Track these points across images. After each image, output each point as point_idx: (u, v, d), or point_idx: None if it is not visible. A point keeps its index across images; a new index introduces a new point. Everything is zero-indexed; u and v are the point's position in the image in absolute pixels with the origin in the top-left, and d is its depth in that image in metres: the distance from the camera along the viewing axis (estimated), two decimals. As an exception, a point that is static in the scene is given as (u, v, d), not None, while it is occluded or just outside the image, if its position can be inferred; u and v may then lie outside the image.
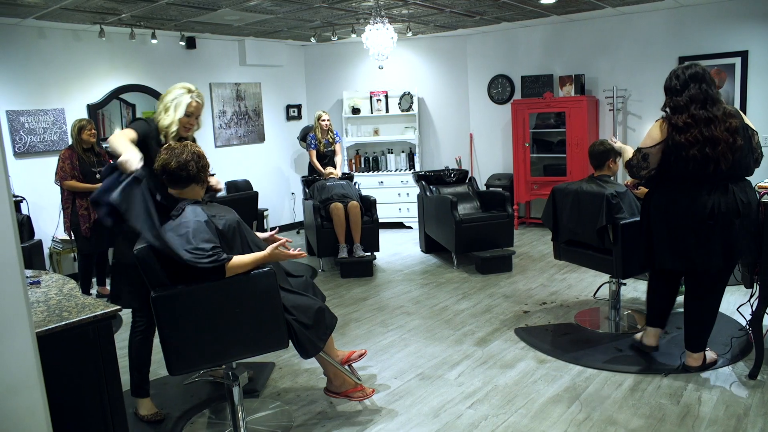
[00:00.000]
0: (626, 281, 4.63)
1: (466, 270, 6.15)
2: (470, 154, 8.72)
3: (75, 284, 2.53)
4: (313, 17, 6.42)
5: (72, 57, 6.39)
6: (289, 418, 3.28)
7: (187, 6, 5.50)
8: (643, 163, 3.36)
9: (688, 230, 3.30)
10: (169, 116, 3.16)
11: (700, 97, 3.27)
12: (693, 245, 3.30)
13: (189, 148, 2.88)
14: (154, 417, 3.29)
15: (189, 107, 3.17)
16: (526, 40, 8.04)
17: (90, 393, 2.10)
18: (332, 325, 3.05)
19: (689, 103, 3.26)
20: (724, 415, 3.08)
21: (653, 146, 3.32)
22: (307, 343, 2.89)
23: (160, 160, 2.86)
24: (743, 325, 3.99)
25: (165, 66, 7.24)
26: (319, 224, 6.26)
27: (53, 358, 1.98)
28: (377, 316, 4.91)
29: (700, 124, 3.22)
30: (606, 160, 4.25)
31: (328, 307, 3.08)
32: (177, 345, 2.66)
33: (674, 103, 3.30)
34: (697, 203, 3.26)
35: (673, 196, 3.34)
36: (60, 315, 2.07)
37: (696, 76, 3.30)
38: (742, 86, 6.62)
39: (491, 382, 3.59)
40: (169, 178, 2.86)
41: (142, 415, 3.27)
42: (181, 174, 2.82)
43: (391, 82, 8.68)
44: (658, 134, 3.32)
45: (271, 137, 8.57)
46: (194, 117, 3.23)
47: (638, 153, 3.38)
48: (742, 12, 6.54)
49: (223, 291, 2.72)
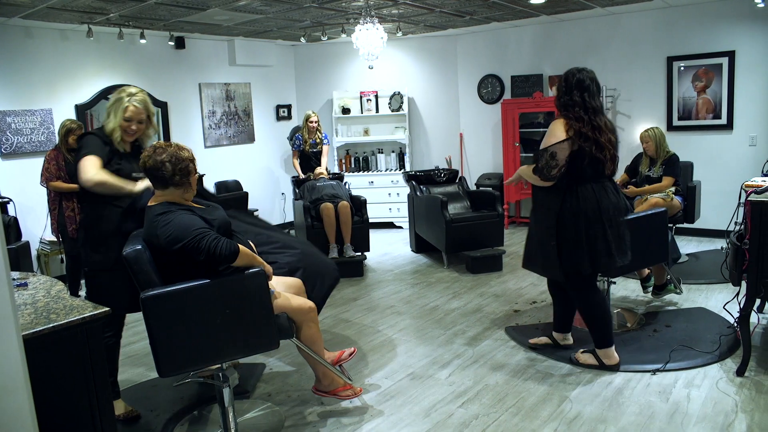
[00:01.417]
0: (615, 280, 4.65)
1: (456, 269, 6.16)
2: (460, 153, 8.74)
3: (63, 286, 2.51)
4: (302, 17, 6.41)
5: (59, 57, 6.34)
6: (280, 418, 3.27)
7: (176, 6, 5.48)
8: (552, 161, 3.36)
9: (602, 230, 3.40)
10: (110, 121, 3.16)
11: (586, 105, 3.40)
12: (606, 246, 3.41)
13: (171, 149, 2.85)
14: (129, 414, 3.32)
15: (126, 112, 3.15)
16: (516, 40, 8.07)
17: (79, 395, 2.09)
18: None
19: (582, 106, 3.40)
20: (712, 411, 3.10)
21: (559, 143, 3.36)
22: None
23: (143, 156, 2.87)
24: (731, 322, 4.02)
25: (154, 66, 7.20)
26: (310, 224, 6.25)
27: (41, 361, 1.96)
28: (368, 316, 4.91)
29: (595, 130, 3.37)
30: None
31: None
32: (167, 346, 2.64)
33: (564, 102, 3.45)
34: (604, 203, 3.41)
35: (586, 197, 3.41)
36: (48, 317, 2.05)
37: (581, 84, 3.42)
38: (729, 86, 6.67)
39: (482, 381, 3.60)
40: (147, 174, 2.88)
41: (117, 415, 3.26)
42: (156, 174, 2.82)
43: (381, 82, 8.67)
44: (563, 133, 3.36)
45: (261, 137, 8.55)
46: (135, 122, 3.18)
47: (544, 153, 3.39)
48: (730, 12, 6.59)
49: (213, 291, 2.71)
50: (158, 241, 2.76)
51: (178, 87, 7.50)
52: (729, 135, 6.78)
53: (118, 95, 3.19)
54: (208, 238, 2.68)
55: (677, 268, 5.37)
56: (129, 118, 3.16)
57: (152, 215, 2.82)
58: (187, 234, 2.68)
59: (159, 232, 2.73)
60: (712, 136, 6.89)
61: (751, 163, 6.46)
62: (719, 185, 6.61)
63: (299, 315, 3.08)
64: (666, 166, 5.50)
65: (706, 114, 6.88)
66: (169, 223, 2.73)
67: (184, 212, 2.80)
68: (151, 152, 2.84)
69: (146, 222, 2.86)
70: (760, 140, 6.55)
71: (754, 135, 6.63)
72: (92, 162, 3.06)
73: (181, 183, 2.86)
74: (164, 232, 2.72)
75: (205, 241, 2.67)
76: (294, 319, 3.07)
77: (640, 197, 5.50)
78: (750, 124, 6.65)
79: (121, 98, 3.16)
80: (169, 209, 2.80)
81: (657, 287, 4.75)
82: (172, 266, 2.82)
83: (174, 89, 7.45)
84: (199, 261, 2.71)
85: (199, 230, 2.70)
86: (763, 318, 4.27)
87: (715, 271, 4.83)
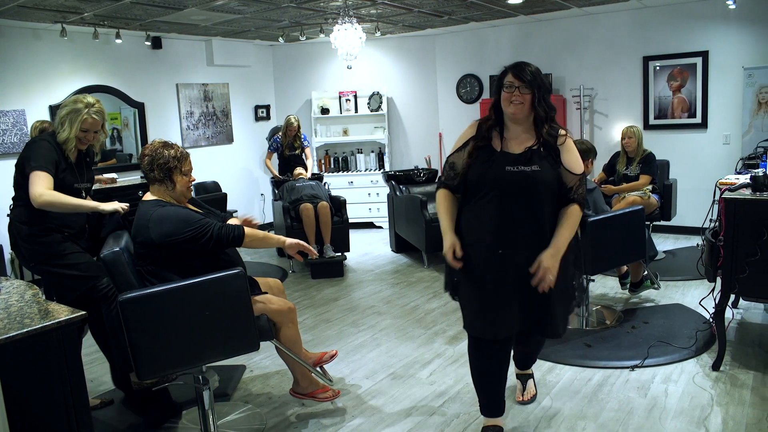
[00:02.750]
0: (594, 277, 4.71)
1: (436, 269, 6.17)
2: (440, 153, 8.76)
3: (38, 290, 2.46)
4: (281, 17, 6.38)
5: (32, 57, 6.23)
6: (261, 421, 3.25)
7: (152, 5, 5.41)
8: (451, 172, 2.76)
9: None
10: (65, 132, 3.11)
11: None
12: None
13: (154, 146, 2.99)
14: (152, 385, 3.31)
15: (84, 123, 3.12)
16: (495, 40, 8.11)
17: (55, 402, 2.05)
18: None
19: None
20: (689, 406, 3.15)
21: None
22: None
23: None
24: (707, 318, 4.09)
25: (130, 66, 7.11)
26: (289, 225, 6.23)
27: (15, 367, 1.92)
28: (348, 316, 4.90)
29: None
30: (585, 161, 4.25)
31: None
32: (146, 349, 2.61)
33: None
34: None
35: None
36: (22, 322, 2.01)
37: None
38: (703, 85, 6.78)
39: (462, 380, 3.61)
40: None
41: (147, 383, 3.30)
42: (141, 167, 3.01)
43: (360, 82, 8.66)
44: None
45: (240, 138, 8.49)
46: (91, 132, 3.17)
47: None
48: (703, 13, 6.69)
49: (192, 293, 2.69)
50: (150, 234, 2.84)
51: (155, 87, 7.42)
52: (704, 134, 6.88)
53: (74, 105, 3.13)
54: (212, 226, 2.88)
55: (654, 265, 5.44)
56: (86, 129, 3.14)
57: (144, 209, 2.93)
58: (189, 225, 2.85)
59: (152, 225, 2.84)
60: (687, 135, 6.99)
61: (725, 161, 6.57)
62: (695, 183, 6.72)
63: (279, 316, 3.07)
64: (643, 164, 5.58)
65: (681, 113, 6.98)
66: (166, 217, 2.85)
67: (178, 207, 2.96)
68: (143, 149, 3.03)
69: (138, 217, 2.94)
70: (733, 139, 6.66)
71: (728, 134, 6.74)
72: (44, 180, 3.01)
73: (161, 179, 2.96)
74: (162, 226, 2.83)
75: (211, 228, 2.87)
76: (274, 321, 3.06)
77: (618, 195, 5.57)
78: (723, 123, 6.76)
79: (79, 109, 3.11)
80: (162, 204, 2.92)
81: (633, 284, 4.81)
82: (162, 261, 2.88)
83: (151, 90, 7.36)
84: (207, 248, 2.88)
85: (202, 220, 2.89)
86: (738, 313, 4.34)
87: (692, 268, 4.91)
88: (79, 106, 3.11)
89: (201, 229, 2.86)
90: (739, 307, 4.41)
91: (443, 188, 2.76)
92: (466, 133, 2.75)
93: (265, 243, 3.13)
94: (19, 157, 3.17)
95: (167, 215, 2.87)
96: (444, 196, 2.74)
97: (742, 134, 6.46)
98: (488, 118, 2.71)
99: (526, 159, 2.57)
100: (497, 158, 2.61)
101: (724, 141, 6.76)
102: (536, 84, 2.55)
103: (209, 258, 2.95)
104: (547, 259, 2.52)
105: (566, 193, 2.61)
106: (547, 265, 2.51)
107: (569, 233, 2.58)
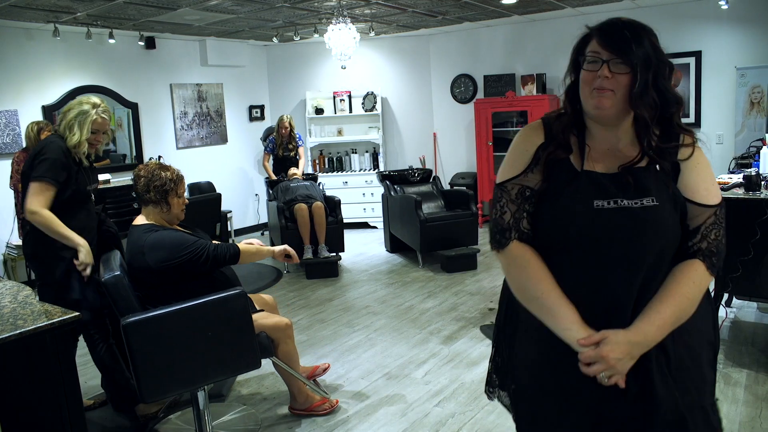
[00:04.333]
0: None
1: (431, 269, 6.17)
2: (434, 153, 8.77)
3: (31, 291, 2.45)
4: (275, 17, 6.37)
5: (25, 57, 6.20)
6: (256, 421, 3.25)
7: (145, 5, 5.40)
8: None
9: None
10: (75, 135, 2.99)
11: None
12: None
13: (150, 167, 2.99)
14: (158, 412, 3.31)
15: (95, 125, 3.03)
16: (489, 40, 8.12)
17: (48, 404, 2.04)
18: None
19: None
20: (683, 405, 3.15)
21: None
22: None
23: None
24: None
25: (124, 67, 7.09)
26: (284, 225, 6.22)
27: (7, 369, 1.91)
28: (343, 316, 4.89)
29: None
30: None
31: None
32: (149, 371, 2.59)
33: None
34: None
35: None
36: (14, 323, 2.00)
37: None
38: (696, 85, 6.81)
39: (458, 379, 3.61)
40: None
41: (153, 413, 3.29)
42: (134, 189, 2.96)
43: (355, 82, 8.66)
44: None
45: (234, 138, 8.47)
46: (101, 133, 3.09)
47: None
48: (696, 13, 6.73)
49: (195, 314, 2.68)
50: (146, 260, 2.83)
51: (149, 88, 7.40)
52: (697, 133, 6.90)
53: (80, 107, 3.03)
54: (207, 247, 2.90)
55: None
56: (96, 130, 3.06)
57: (137, 234, 2.91)
58: (184, 248, 2.85)
59: (147, 251, 2.83)
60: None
61: (718, 160, 6.58)
62: (688, 182, 6.74)
63: (277, 332, 3.09)
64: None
65: (674, 113, 7.00)
66: (160, 241, 2.84)
67: (171, 230, 2.94)
68: (137, 170, 2.99)
69: (130, 242, 2.93)
70: (726, 138, 6.69)
71: (721, 133, 6.77)
72: (42, 195, 2.89)
73: (157, 201, 2.95)
74: (157, 251, 2.82)
75: (206, 249, 2.89)
76: (272, 337, 3.07)
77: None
78: (716, 123, 6.79)
79: (87, 110, 3.01)
80: (155, 229, 2.90)
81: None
82: (160, 285, 2.88)
83: (145, 90, 7.34)
84: (205, 269, 2.91)
85: (197, 241, 2.90)
86: (731, 312, 4.36)
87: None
88: (85, 108, 3.02)
89: (197, 251, 2.87)
90: (733, 306, 4.43)
91: (518, 243, 1.51)
92: (523, 146, 1.57)
93: (257, 257, 3.16)
94: (25, 163, 2.99)
95: (161, 240, 2.85)
96: (528, 257, 1.50)
97: (734, 134, 6.49)
98: (561, 113, 1.60)
99: (630, 185, 1.46)
100: (581, 185, 1.48)
101: (717, 140, 6.79)
102: (643, 58, 1.51)
103: (206, 279, 2.96)
104: (615, 346, 1.38)
105: (688, 238, 1.49)
106: (615, 355, 1.37)
107: (677, 311, 1.44)
